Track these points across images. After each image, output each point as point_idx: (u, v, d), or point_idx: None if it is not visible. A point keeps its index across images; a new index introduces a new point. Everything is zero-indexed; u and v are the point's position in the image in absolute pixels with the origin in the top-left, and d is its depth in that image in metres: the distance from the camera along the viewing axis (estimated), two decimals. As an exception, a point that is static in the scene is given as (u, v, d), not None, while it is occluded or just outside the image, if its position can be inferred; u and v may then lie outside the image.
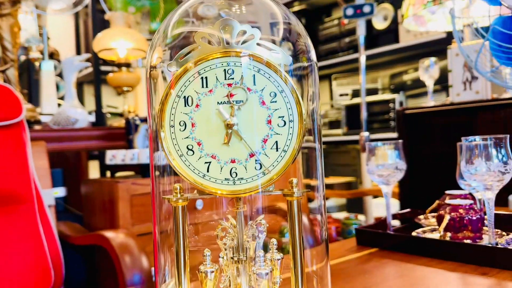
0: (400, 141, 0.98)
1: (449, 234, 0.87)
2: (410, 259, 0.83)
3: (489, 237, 0.81)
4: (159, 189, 0.50)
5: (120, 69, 2.11)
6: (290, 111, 0.45)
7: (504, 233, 0.87)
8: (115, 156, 1.62)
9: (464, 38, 2.33)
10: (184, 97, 0.45)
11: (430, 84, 1.82)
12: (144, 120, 1.71)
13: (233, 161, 0.45)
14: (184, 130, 0.46)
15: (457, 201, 0.89)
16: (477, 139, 0.80)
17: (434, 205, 1.04)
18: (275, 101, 0.45)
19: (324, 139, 2.46)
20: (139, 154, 1.55)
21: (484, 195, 0.80)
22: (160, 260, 0.51)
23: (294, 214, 0.46)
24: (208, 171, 0.46)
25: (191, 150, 0.46)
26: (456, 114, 1.74)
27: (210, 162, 0.46)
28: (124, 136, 1.75)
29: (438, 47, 2.35)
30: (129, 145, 1.69)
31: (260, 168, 0.46)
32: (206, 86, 0.45)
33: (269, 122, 0.45)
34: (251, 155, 0.45)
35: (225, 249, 0.50)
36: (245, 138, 0.45)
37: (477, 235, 0.86)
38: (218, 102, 0.45)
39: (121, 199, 1.44)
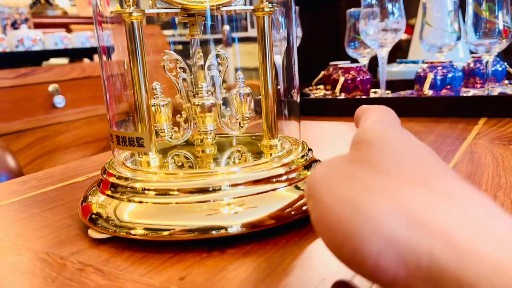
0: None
1: (343, 95, 0.93)
2: (313, 119, 0.87)
3: (380, 90, 0.89)
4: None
5: None
6: None
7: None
8: None
9: None
10: None
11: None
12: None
13: (199, -35, 0.38)
14: None
15: (348, 64, 0.95)
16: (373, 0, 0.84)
17: (320, 76, 1.10)
18: None
19: None
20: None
21: (379, 53, 0.86)
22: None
23: (265, 33, 0.42)
24: (170, -25, 0.37)
25: None
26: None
27: (172, -36, 0.37)
28: None
29: None
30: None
31: (231, -25, 0.39)
32: None
33: None
34: (221, -42, 0.38)
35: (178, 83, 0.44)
36: None
37: (367, 94, 0.93)
38: None
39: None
